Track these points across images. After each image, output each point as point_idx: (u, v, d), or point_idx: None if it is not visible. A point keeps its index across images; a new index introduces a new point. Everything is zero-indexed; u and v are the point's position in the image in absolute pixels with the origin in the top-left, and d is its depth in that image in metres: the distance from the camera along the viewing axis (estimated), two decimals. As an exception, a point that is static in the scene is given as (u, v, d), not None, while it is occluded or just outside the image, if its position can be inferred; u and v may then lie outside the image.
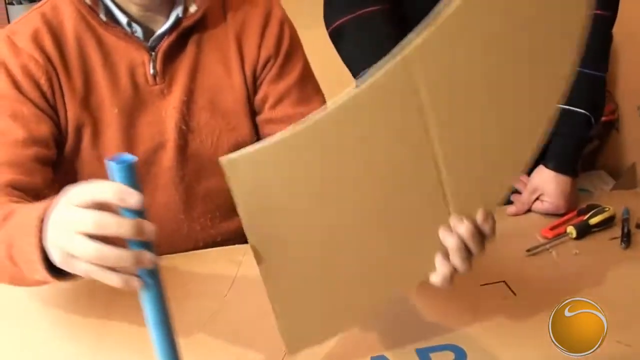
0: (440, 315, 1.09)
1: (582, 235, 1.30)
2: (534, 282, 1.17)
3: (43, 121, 1.15)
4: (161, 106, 1.22)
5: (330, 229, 0.85)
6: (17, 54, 1.15)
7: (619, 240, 1.29)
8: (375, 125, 0.82)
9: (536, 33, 0.85)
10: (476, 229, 0.90)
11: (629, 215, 1.35)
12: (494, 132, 0.88)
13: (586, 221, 1.32)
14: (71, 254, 0.80)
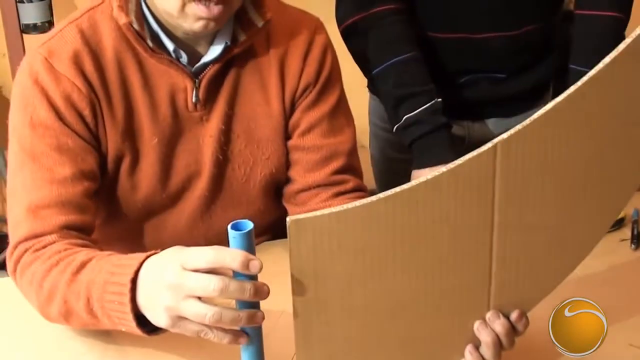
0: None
1: (592, 236, 1.30)
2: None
3: (89, 152, 1.13)
4: (198, 134, 1.20)
5: (374, 302, 0.86)
6: (57, 80, 1.11)
7: (629, 242, 1.30)
8: (447, 208, 0.83)
9: (616, 153, 0.90)
10: (511, 327, 0.93)
11: (639, 217, 1.35)
12: (551, 240, 0.91)
13: (596, 223, 1.32)
14: (183, 316, 0.85)
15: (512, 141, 0.82)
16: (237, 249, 0.82)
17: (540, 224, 0.89)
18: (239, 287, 0.82)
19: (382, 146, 1.72)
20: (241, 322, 0.84)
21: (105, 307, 0.94)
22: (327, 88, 1.25)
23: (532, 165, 0.85)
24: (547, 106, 0.82)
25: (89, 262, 0.99)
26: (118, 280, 0.92)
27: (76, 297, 0.97)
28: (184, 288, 0.84)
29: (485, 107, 1.59)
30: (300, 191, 1.27)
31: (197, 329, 0.86)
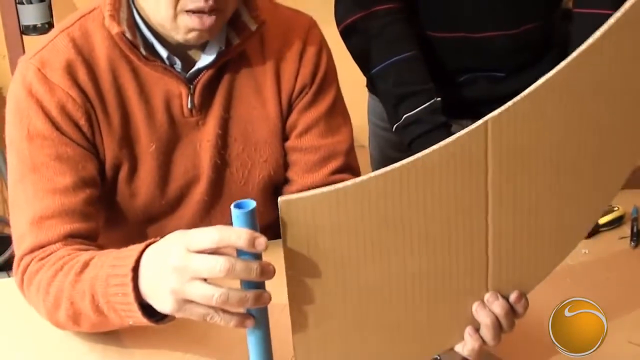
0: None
1: (591, 234, 1.31)
2: (543, 282, 1.17)
3: (88, 160, 1.13)
4: (195, 139, 1.20)
5: (370, 283, 0.86)
6: (51, 91, 1.10)
7: (629, 240, 1.30)
8: (439, 187, 0.83)
9: (610, 132, 0.90)
10: (510, 308, 0.93)
11: (638, 215, 1.36)
12: (547, 219, 0.91)
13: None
14: (189, 299, 0.84)
15: (503, 117, 0.83)
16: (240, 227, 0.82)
17: (535, 203, 0.89)
18: (245, 267, 0.82)
19: (381, 145, 1.72)
20: (248, 302, 0.83)
21: (111, 301, 0.94)
22: (324, 88, 1.25)
23: (524, 142, 0.85)
24: (537, 82, 0.82)
25: (92, 260, 0.99)
26: (119, 272, 0.92)
27: (81, 296, 0.97)
28: (190, 270, 0.83)
29: (484, 105, 1.58)
30: (299, 191, 1.27)
31: (204, 312, 0.85)
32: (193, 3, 1.05)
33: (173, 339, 1.01)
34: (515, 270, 0.92)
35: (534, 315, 0.98)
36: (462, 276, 0.90)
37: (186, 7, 1.06)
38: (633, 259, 1.26)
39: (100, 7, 1.13)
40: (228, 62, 1.18)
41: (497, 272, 0.91)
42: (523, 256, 0.92)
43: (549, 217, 0.91)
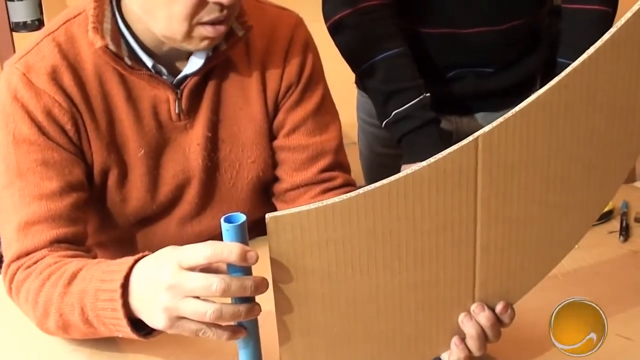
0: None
1: (581, 228, 1.31)
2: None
3: (75, 164, 1.13)
4: (184, 143, 1.19)
5: (357, 295, 0.87)
6: (37, 96, 1.09)
7: (618, 234, 1.30)
8: (428, 201, 0.83)
9: (601, 145, 0.91)
10: (496, 319, 0.94)
11: (628, 209, 1.37)
12: (535, 232, 0.92)
13: (585, 215, 1.33)
14: (181, 315, 0.85)
15: (494, 134, 0.83)
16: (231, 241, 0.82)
17: (524, 216, 0.90)
18: (240, 286, 0.82)
19: (370, 142, 1.72)
20: (241, 316, 0.84)
21: (100, 315, 0.94)
22: (310, 86, 1.25)
23: (515, 157, 0.85)
24: (529, 98, 0.83)
25: (80, 271, 0.99)
26: (108, 287, 0.92)
27: (70, 309, 0.97)
28: (184, 288, 0.84)
29: (473, 101, 1.60)
30: (288, 190, 1.27)
31: (196, 328, 0.86)
32: (209, 15, 1.05)
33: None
34: (503, 281, 0.93)
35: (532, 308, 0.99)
36: (449, 287, 0.91)
37: (202, 20, 1.05)
38: (622, 253, 1.26)
39: (86, 11, 1.12)
40: (215, 66, 1.18)
41: (484, 284, 0.92)
42: (510, 268, 0.93)
43: (537, 230, 0.92)
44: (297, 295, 0.85)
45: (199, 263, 0.84)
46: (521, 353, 1.02)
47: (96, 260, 1.03)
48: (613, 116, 0.90)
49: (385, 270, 0.86)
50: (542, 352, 1.02)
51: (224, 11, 1.05)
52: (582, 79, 0.84)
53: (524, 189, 0.88)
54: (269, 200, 1.31)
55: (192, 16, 1.04)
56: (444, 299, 0.92)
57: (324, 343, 0.89)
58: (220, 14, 1.05)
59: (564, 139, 0.87)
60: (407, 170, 0.81)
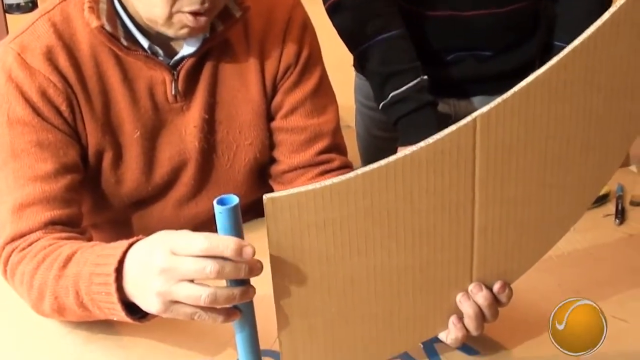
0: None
1: (577, 211, 1.31)
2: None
3: (70, 145, 1.12)
4: (181, 125, 1.19)
5: (355, 275, 0.87)
6: (32, 76, 1.09)
7: (613, 217, 1.31)
8: (426, 182, 0.83)
9: (599, 126, 0.91)
10: (493, 298, 0.94)
11: (623, 192, 1.38)
12: (533, 212, 0.92)
13: (581, 198, 1.33)
14: (175, 300, 0.84)
15: (492, 114, 0.83)
16: (226, 230, 0.82)
17: (522, 197, 0.90)
18: (234, 268, 0.82)
19: (367, 124, 1.72)
20: (235, 299, 0.84)
21: (94, 298, 0.94)
22: (308, 68, 1.24)
23: (513, 138, 0.85)
24: (528, 78, 0.83)
25: (74, 255, 0.98)
26: (102, 271, 0.92)
27: (65, 292, 0.97)
28: (177, 272, 0.83)
29: (471, 85, 1.59)
30: (286, 172, 1.27)
31: (191, 312, 0.85)
32: (189, 6, 1.04)
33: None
34: (500, 261, 0.94)
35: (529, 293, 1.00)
36: (447, 267, 0.91)
37: (182, 9, 1.05)
38: (617, 236, 1.27)
39: None
40: (211, 48, 1.17)
41: (482, 264, 0.92)
42: (508, 248, 0.93)
43: (535, 210, 0.92)
44: (295, 276, 0.85)
45: (192, 254, 0.83)
46: (518, 332, 1.03)
47: (91, 243, 1.03)
48: (611, 97, 0.90)
49: (383, 251, 0.86)
50: (539, 332, 1.02)
51: (205, 4, 1.04)
52: (581, 59, 0.84)
53: (522, 169, 0.88)
54: (265, 182, 1.30)
55: (172, 3, 1.04)
56: (442, 279, 0.92)
57: (321, 324, 0.90)
58: (201, 6, 1.04)
59: (563, 119, 0.87)
60: (405, 151, 0.81)
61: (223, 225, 0.82)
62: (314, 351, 0.92)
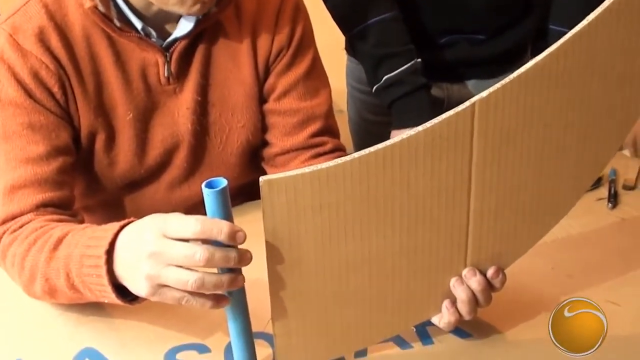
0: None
1: (569, 195, 1.31)
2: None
3: (62, 128, 1.11)
4: (173, 107, 1.18)
5: (350, 259, 0.87)
6: (24, 57, 1.08)
7: (606, 201, 1.31)
8: (423, 166, 0.83)
9: (598, 112, 0.91)
10: (487, 283, 0.94)
11: (616, 176, 1.38)
12: (529, 197, 0.92)
13: (574, 182, 1.33)
14: (164, 283, 0.84)
15: (491, 99, 0.82)
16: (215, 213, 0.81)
17: (518, 182, 0.90)
18: (224, 256, 0.82)
19: (359, 109, 1.72)
20: (224, 286, 0.84)
21: (85, 280, 0.93)
22: (301, 50, 1.24)
23: (511, 123, 0.85)
24: (527, 64, 0.82)
25: (65, 237, 0.98)
26: (93, 253, 0.91)
27: (56, 274, 0.96)
28: (167, 256, 0.83)
29: (464, 68, 1.59)
30: (278, 154, 1.27)
31: (179, 296, 0.85)
32: None
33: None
34: (495, 246, 0.93)
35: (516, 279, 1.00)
36: (442, 252, 0.91)
37: None
38: (610, 220, 1.27)
39: None
40: (204, 30, 1.16)
41: (477, 248, 0.92)
42: (503, 233, 0.93)
43: (531, 196, 0.92)
44: (290, 259, 0.84)
45: (185, 237, 0.82)
46: (511, 316, 1.03)
47: (82, 225, 1.02)
48: (610, 84, 0.89)
49: (378, 235, 0.86)
50: (532, 315, 1.03)
51: None
52: (581, 45, 0.84)
53: (519, 155, 0.87)
54: (258, 165, 1.30)
55: None
56: (436, 263, 0.92)
57: (315, 306, 0.89)
58: None
59: (561, 106, 0.87)
60: (403, 135, 0.80)
61: (211, 208, 0.81)
62: (307, 334, 0.92)
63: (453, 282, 0.94)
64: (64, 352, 0.99)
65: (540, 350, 0.97)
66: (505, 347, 0.99)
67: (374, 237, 0.86)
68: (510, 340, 1.00)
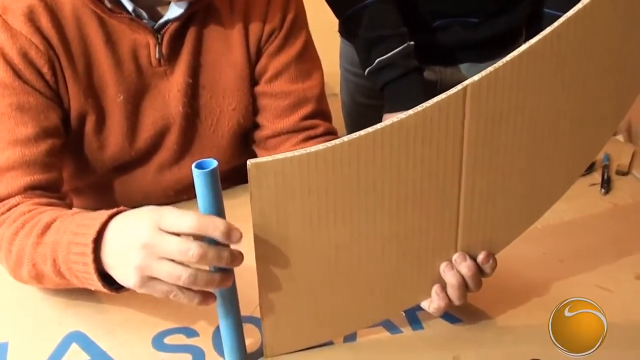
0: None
1: (563, 181, 1.30)
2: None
3: (51, 109, 1.10)
4: (164, 89, 1.17)
5: (339, 242, 0.86)
6: (13, 37, 1.06)
7: (599, 186, 1.31)
8: (414, 150, 0.82)
9: (592, 98, 0.90)
10: (477, 269, 0.94)
11: (609, 162, 1.37)
12: (520, 182, 0.91)
13: (567, 167, 1.32)
14: (154, 276, 0.84)
15: (483, 83, 0.81)
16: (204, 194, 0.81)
17: (510, 167, 0.89)
18: (217, 255, 0.82)
19: (352, 91, 1.71)
20: (214, 284, 0.84)
21: (72, 268, 0.92)
22: (293, 32, 1.22)
23: (503, 108, 0.84)
24: (520, 48, 0.81)
25: (54, 222, 0.97)
26: (80, 240, 0.90)
27: (43, 260, 0.96)
28: (160, 249, 0.82)
29: (457, 52, 1.58)
30: (269, 137, 1.26)
31: (168, 290, 0.85)
32: None
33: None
34: (486, 231, 0.93)
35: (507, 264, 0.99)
36: (432, 237, 0.90)
37: None
38: (603, 206, 1.27)
39: None
40: (196, 12, 1.15)
41: (467, 233, 0.92)
42: (494, 218, 0.92)
43: (522, 181, 0.91)
44: (278, 242, 0.84)
45: (181, 231, 0.82)
46: (502, 301, 1.03)
47: (71, 211, 1.01)
48: (605, 69, 0.88)
49: (367, 219, 0.85)
50: (523, 301, 1.03)
51: None
52: (575, 29, 0.83)
53: (511, 139, 0.87)
54: (249, 148, 1.29)
55: None
56: (426, 248, 0.91)
57: (303, 290, 0.89)
58: None
59: (554, 90, 0.86)
60: (394, 118, 0.79)
61: (201, 189, 0.81)
62: (295, 318, 0.91)
63: (443, 267, 0.93)
64: (51, 336, 0.99)
65: (531, 336, 0.97)
66: (495, 332, 0.99)
67: (364, 221, 0.86)
68: (500, 325, 1.00)
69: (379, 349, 0.96)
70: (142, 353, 0.96)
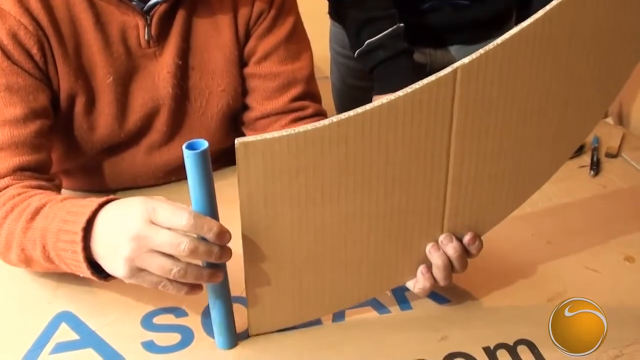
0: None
1: (552, 163, 1.31)
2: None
3: (40, 90, 1.09)
4: (154, 70, 1.17)
5: (326, 222, 0.86)
6: (2, 18, 1.06)
7: (588, 168, 1.31)
8: (402, 131, 0.82)
9: (581, 81, 0.90)
10: (463, 250, 0.94)
11: (599, 144, 1.37)
12: (508, 165, 0.92)
13: (556, 149, 1.33)
14: (144, 268, 0.84)
15: (473, 66, 0.81)
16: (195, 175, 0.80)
17: (498, 150, 0.89)
18: (207, 250, 0.82)
19: (342, 73, 1.71)
20: (204, 279, 0.85)
21: (61, 255, 0.92)
22: (282, 13, 1.22)
23: (493, 91, 0.84)
24: (511, 30, 0.81)
25: (43, 207, 0.97)
26: (70, 228, 0.90)
27: (32, 245, 0.96)
28: (151, 241, 0.82)
29: (447, 34, 1.58)
30: (259, 118, 1.26)
31: (156, 281, 0.85)
32: None
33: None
34: (472, 213, 0.93)
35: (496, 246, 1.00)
36: (418, 217, 0.91)
37: None
38: (592, 188, 1.27)
39: None
40: None
41: (454, 215, 0.92)
42: (481, 200, 0.93)
43: (510, 163, 0.92)
44: (265, 221, 0.84)
45: (173, 227, 0.82)
46: (489, 282, 1.03)
47: (61, 196, 1.01)
48: (595, 54, 0.89)
49: (355, 199, 0.86)
50: (510, 282, 1.03)
51: None
52: (567, 13, 0.83)
53: (500, 122, 0.87)
54: (238, 129, 1.29)
55: None
56: (412, 229, 0.91)
57: (290, 269, 0.89)
58: None
59: (544, 74, 0.86)
60: (382, 100, 0.79)
61: (192, 170, 0.80)
62: (281, 296, 0.92)
63: (429, 248, 0.93)
64: (40, 316, 0.99)
65: (519, 316, 0.98)
66: (482, 312, 0.99)
67: (351, 200, 0.86)
68: (487, 306, 1.00)
69: (367, 329, 0.97)
70: (131, 333, 0.96)
